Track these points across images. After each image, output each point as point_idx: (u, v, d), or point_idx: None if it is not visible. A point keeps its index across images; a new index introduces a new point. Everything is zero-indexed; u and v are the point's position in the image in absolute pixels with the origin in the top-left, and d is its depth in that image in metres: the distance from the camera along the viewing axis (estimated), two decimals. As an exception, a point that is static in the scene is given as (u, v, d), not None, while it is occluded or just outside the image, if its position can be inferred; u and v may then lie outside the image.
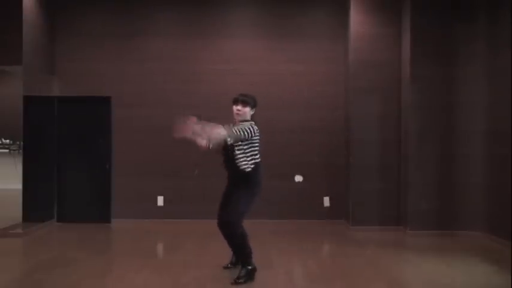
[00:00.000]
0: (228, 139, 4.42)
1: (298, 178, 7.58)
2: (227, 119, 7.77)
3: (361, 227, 6.96)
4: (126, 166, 7.57)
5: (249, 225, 7.35)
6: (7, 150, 6.83)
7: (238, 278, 4.45)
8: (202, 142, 4.47)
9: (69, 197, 7.59)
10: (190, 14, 7.65)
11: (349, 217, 7.11)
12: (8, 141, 6.86)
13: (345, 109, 7.52)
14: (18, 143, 6.68)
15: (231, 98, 8.15)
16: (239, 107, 4.68)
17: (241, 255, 4.60)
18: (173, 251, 5.96)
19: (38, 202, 7.06)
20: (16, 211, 6.49)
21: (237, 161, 4.49)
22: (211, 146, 4.52)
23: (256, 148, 4.59)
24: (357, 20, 7.10)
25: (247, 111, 4.70)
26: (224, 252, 5.65)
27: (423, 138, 6.76)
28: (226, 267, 4.89)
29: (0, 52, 6.55)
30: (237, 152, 4.49)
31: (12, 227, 6.55)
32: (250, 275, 4.50)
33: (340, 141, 7.59)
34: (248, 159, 4.51)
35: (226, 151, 4.56)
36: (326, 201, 7.57)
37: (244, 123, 4.59)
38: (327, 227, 7.19)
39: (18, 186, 6.52)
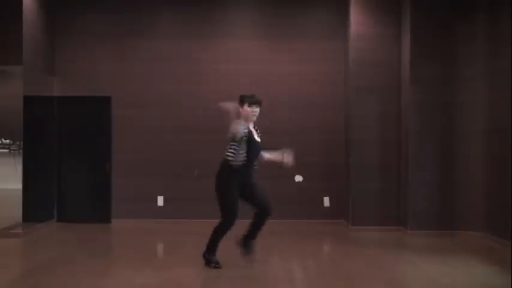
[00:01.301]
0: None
1: (298, 178, 7.58)
2: (227, 119, 7.76)
3: (361, 227, 6.96)
4: (126, 166, 7.57)
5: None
6: (7, 150, 6.83)
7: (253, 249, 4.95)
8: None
9: (69, 197, 7.59)
10: (190, 14, 7.66)
11: (349, 217, 7.11)
12: (8, 141, 6.85)
13: (345, 109, 7.52)
14: (18, 143, 6.68)
15: (231, 98, 8.14)
16: (258, 110, 5.00)
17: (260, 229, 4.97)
18: (173, 250, 5.96)
19: (38, 202, 7.06)
20: (16, 211, 6.48)
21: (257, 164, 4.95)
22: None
23: None
24: (357, 20, 7.10)
25: None
26: (224, 252, 5.66)
27: (423, 138, 6.76)
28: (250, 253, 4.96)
29: (0, 52, 6.55)
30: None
31: (12, 227, 6.55)
32: None
33: (340, 141, 7.59)
34: None
35: (255, 152, 4.90)
36: (326, 201, 7.57)
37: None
38: (327, 227, 7.19)
39: (18, 186, 6.52)
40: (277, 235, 6.68)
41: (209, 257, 4.90)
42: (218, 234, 4.90)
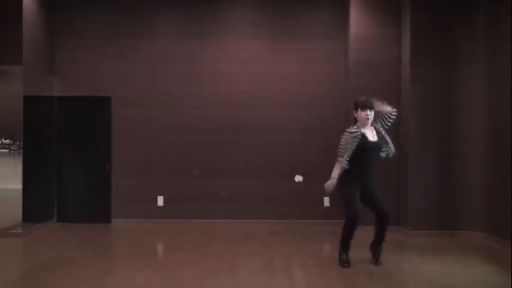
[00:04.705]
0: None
1: (298, 178, 7.58)
2: (227, 119, 7.81)
3: (361, 227, 6.92)
4: (126, 166, 7.57)
5: (249, 225, 7.41)
6: (7, 150, 6.83)
7: (379, 256, 5.15)
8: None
9: (69, 197, 7.59)
10: (190, 14, 7.65)
11: (349, 217, 7.10)
12: (8, 141, 6.86)
13: (345, 109, 7.52)
14: (18, 143, 6.68)
15: (231, 98, 8.20)
16: (372, 112, 5.02)
17: (384, 236, 5.14)
18: (173, 250, 5.96)
19: (38, 202, 7.07)
20: (16, 211, 6.49)
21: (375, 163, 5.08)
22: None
23: None
24: (357, 20, 7.10)
25: None
26: (225, 252, 5.67)
27: (423, 138, 6.76)
28: (378, 263, 5.13)
29: (0, 52, 6.55)
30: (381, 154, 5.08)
31: (12, 227, 6.55)
32: None
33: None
34: None
35: (369, 153, 4.99)
36: (326, 201, 7.57)
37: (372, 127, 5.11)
38: (327, 227, 7.19)
39: (18, 186, 6.52)
40: (278, 235, 6.68)
41: (339, 255, 5.10)
42: (344, 233, 5.06)
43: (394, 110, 5.15)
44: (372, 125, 5.08)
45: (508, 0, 5.92)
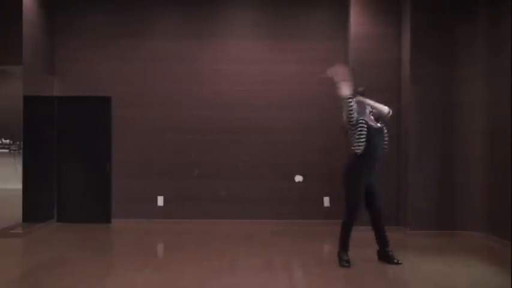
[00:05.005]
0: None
1: (298, 178, 7.58)
2: (227, 119, 7.80)
3: (361, 227, 6.89)
4: (126, 166, 7.57)
5: (249, 225, 7.41)
6: (7, 150, 6.83)
7: (395, 256, 5.09)
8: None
9: (69, 197, 7.60)
10: (190, 14, 7.65)
11: (349, 217, 7.09)
12: (8, 141, 6.85)
13: (345, 109, 7.52)
14: (18, 143, 6.68)
15: (231, 98, 8.20)
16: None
17: (385, 233, 5.11)
18: (173, 250, 5.96)
19: (38, 202, 7.06)
20: (16, 211, 6.49)
21: (386, 144, 5.03)
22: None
23: None
24: (357, 21, 7.10)
25: None
26: (225, 252, 5.67)
27: (423, 138, 6.76)
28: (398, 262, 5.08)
29: (0, 52, 6.55)
30: (387, 136, 5.03)
31: (12, 227, 6.55)
32: None
33: (340, 141, 7.57)
34: None
35: (376, 138, 4.92)
36: (326, 201, 7.57)
37: None
38: (327, 227, 7.18)
39: (18, 186, 6.52)
40: (278, 235, 6.68)
41: (339, 255, 5.04)
42: (343, 228, 5.01)
43: (389, 111, 5.12)
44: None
45: (508, 0, 5.91)
